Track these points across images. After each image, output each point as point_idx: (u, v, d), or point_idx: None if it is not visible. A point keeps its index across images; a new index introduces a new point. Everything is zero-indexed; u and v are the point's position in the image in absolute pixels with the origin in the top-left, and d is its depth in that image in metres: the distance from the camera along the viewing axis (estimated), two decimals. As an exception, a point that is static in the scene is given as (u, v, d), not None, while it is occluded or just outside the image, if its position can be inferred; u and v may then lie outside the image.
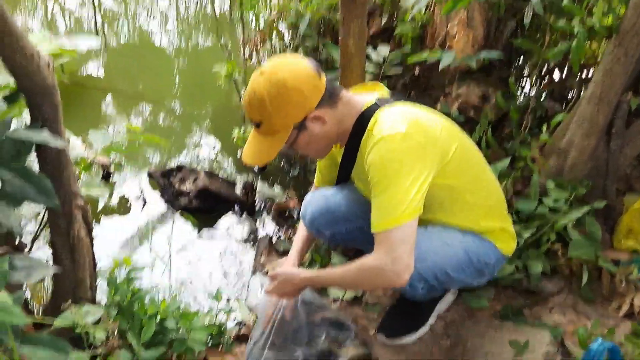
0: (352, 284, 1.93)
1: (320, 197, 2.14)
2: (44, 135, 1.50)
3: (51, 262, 1.87)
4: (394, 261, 1.65)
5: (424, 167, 1.67)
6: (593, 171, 2.32)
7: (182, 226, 3.30)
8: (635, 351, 1.81)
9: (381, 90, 1.91)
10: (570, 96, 2.90)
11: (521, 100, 2.85)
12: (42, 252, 2.59)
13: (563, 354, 2.01)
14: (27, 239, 2.27)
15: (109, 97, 4.80)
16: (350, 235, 2.13)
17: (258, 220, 3.51)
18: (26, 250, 1.98)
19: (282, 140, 1.76)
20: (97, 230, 2.68)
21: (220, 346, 2.24)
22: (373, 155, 1.68)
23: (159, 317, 1.91)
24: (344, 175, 2.04)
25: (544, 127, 2.45)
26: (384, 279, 1.70)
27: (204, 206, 3.49)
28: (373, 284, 1.86)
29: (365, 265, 1.74)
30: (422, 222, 1.92)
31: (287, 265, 2.18)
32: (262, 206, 3.63)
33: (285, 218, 3.36)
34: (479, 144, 2.47)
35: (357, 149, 1.82)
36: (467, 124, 2.65)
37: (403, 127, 1.66)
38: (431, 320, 2.21)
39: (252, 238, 3.34)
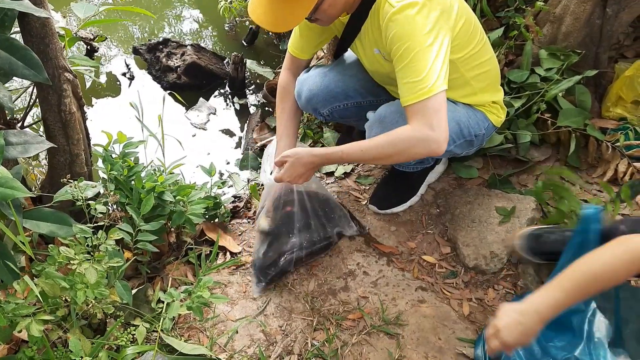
0: (385, 157, 1.75)
1: (317, 75, 2.09)
2: (26, 4, 1.44)
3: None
4: (434, 130, 1.61)
5: (444, 36, 1.63)
6: (587, 39, 2.29)
7: (172, 103, 3.27)
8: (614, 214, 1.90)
9: None
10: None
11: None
12: (31, 130, 2.58)
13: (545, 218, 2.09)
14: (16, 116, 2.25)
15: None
16: (347, 111, 2.12)
17: (248, 96, 3.49)
18: (18, 126, 1.96)
19: (309, 5, 1.65)
20: (85, 108, 2.65)
21: (215, 220, 2.30)
22: (395, 26, 1.62)
23: (156, 191, 1.94)
24: (344, 45, 1.98)
25: (540, -6, 2.38)
26: (423, 148, 1.63)
27: (193, 82, 3.44)
28: (411, 154, 1.70)
29: (402, 136, 1.66)
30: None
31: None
32: (252, 82, 3.59)
33: (275, 95, 3.33)
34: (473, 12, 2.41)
35: (364, 17, 1.75)
36: (462, -8, 2.56)
37: None
38: (421, 190, 2.27)
39: (243, 114, 3.34)
